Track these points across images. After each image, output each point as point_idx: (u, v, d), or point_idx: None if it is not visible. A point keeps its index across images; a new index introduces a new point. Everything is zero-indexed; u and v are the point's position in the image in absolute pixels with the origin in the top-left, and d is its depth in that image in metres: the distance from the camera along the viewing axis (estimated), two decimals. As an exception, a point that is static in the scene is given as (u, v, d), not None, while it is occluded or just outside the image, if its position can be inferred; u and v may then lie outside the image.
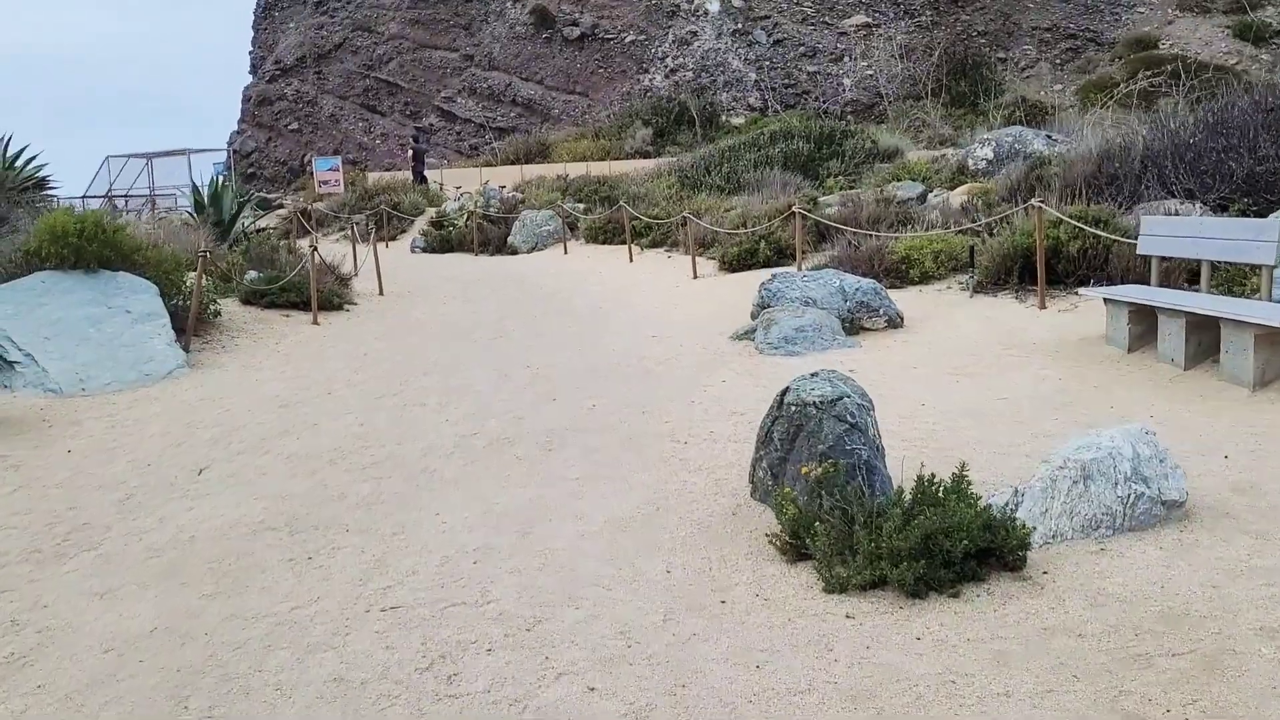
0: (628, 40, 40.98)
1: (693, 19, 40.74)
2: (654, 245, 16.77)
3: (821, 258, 12.05)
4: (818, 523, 3.70)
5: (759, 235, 13.14)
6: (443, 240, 20.67)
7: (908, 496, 3.71)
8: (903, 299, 9.56)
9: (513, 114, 41.93)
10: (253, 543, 4.51)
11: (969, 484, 3.75)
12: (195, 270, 10.24)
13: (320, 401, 7.41)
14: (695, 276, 13.32)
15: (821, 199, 16.70)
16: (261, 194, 40.61)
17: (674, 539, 4.27)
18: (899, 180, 16.47)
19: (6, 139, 16.69)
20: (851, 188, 18.70)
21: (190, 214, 16.26)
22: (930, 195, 15.22)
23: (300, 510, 4.90)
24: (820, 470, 3.87)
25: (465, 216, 20.80)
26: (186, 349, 9.46)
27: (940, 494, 3.64)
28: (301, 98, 45.13)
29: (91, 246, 9.09)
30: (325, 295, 11.77)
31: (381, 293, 13.75)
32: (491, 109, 42.09)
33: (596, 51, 41.42)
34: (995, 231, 10.51)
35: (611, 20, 41.54)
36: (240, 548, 4.46)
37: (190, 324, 9.54)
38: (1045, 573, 3.62)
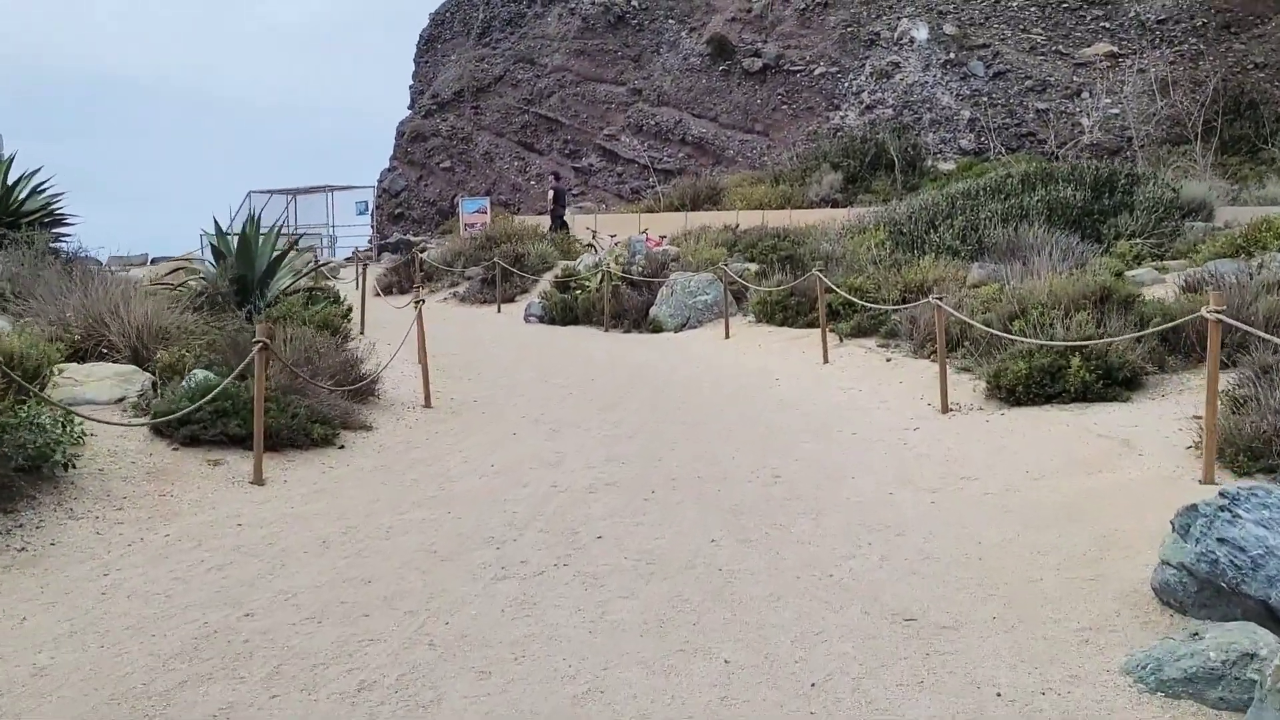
0: (817, 73, 35.54)
1: (895, 48, 34.93)
2: (859, 333, 11.20)
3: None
4: None
5: (1067, 344, 7.42)
6: (565, 308, 15.60)
7: None
8: None
9: (681, 154, 37.09)
10: None
11: None
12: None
13: None
14: (945, 409, 7.69)
15: (1129, 273, 10.83)
16: (406, 236, 37.21)
17: None
18: (1265, 248, 10.38)
19: (8, 157, 12.85)
20: (1159, 255, 12.68)
21: (210, 266, 11.77)
22: (1342, 276, 9.12)
23: None
24: None
25: (599, 277, 15.75)
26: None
27: None
28: (456, 134, 41.71)
29: None
30: (297, 423, 6.79)
31: (428, 403, 8.72)
32: (658, 148, 37.36)
33: (780, 85, 36.13)
34: None
35: (799, 50, 36.22)
36: None
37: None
38: None
